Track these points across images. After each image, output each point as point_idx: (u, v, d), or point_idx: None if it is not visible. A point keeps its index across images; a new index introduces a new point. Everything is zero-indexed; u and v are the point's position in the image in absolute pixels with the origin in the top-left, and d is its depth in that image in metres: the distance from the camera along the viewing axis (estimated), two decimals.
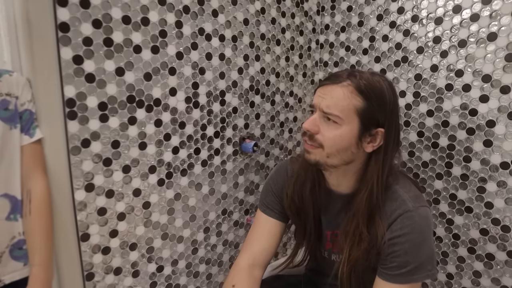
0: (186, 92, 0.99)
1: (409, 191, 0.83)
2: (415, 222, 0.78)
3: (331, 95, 0.78)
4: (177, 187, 1.01)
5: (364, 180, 0.83)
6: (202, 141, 1.05)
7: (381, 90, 0.79)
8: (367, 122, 0.79)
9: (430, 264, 0.79)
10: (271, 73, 1.21)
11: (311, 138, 0.80)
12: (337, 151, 0.79)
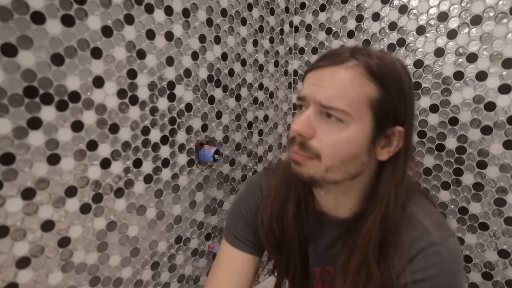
0: (118, 83, 0.71)
1: (430, 215, 0.60)
2: (443, 260, 0.55)
3: (333, 81, 0.54)
4: (111, 213, 0.73)
5: (376, 198, 0.59)
6: (144, 149, 0.78)
7: (397, 73, 0.56)
8: (383, 119, 0.56)
9: None
10: (235, 61, 0.96)
11: (303, 146, 0.55)
12: (341, 162, 0.55)
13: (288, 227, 0.68)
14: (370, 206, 0.60)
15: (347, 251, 0.61)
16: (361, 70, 0.54)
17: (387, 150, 0.58)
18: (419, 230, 0.58)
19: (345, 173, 0.57)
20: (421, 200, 0.63)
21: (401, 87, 0.55)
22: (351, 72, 0.54)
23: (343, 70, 0.54)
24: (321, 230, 0.68)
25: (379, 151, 0.57)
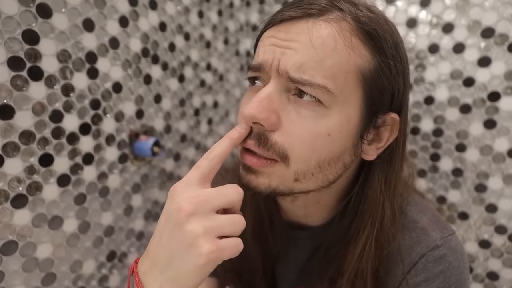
0: (10, 49, 0.51)
1: (424, 210, 0.49)
2: (449, 265, 0.44)
3: (309, 41, 0.38)
4: (7, 230, 0.53)
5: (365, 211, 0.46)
6: (55, 141, 0.58)
7: (392, 33, 0.43)
8: (376, 101, 0.42)
9: None
10: (176, 33, 0.79)
11: (262, 141, 0.39)
12: (318, 166, 0.40)
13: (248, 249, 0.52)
14: (357, 220, 0.46)
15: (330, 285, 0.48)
16: (349, 26, 0.40)
17: (376, 146, 0.44)
18: (415, 232, 0.46)
19: (321, 181, 0.42)
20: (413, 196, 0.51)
21: (400, 57, 0.42)
22: (335, 27, 0.39)
23: (324, 24, 0.39)
24: (291, 245, 0.54)
25: (366, 148, 0.44)
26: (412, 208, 0.48)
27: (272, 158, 0.40)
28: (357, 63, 0.39)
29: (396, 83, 0.41)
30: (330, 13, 0.39)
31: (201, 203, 0.34)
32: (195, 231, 0.33)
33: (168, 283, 0.34)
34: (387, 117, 0.42)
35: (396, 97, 0.42)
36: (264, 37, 0.42)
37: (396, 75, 0.41)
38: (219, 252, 0.33)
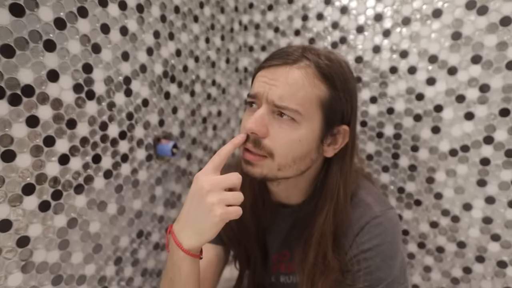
0: (74, 77, 0.70)
1: (371, 192, 0.68)
2: (385, 230, 0.63)
3: (286, 81, 0.58)
4: (71, 210, 0.72)
5: (326, 193, 0.65)
6: (102, 144, 0.77)
7: (344, 74, 0.62)
8: (331, 118, 0.61)
9: (403, 277, 0.66)
10: (189, 57, 0.98)
11: (256, 144, 0.59)
12: (293, 161, 0.60)
13: (246, 221, 0.72)
14: (322, 199, 0.65)
15: (305, 244, 0.67)
16: (312, 71, 0.59)
17: (333, 148, 0.64)
18: (363, 207, 0.65)
19: (296, 170, 0.62)
20: (362, 180, 0.70)
21: (348, 89, 0.62)
22: (303, 72, 0.58)
23: (296, 70, 0.59)
24: (278, 219, 0.73)
25: (326, 148, 0.63)
26: (362, 191, 0.67)
27: (263, 155, 0.59)
28: (318, 95, 0.58)
29: (345, 107, 0.61)
30: (300, 62, 0.58)
31: (215, 184, 0.53)
32: (212, 201, 0.52)
33: (195, 235, 0.54)
34: (340, 128, 0.62)
35: (345, 116, 0.61)
36: (258, 75, 0.61)
37: (345, 102, 0.60)
38: (227, 214, 0.52)
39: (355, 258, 0.63)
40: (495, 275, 0.88)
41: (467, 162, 0.87)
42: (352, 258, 0.63)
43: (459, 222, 0.90)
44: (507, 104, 0.80)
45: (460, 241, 0.91)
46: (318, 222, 0.63)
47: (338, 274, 0.63)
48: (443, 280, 0.95)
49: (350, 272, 0.63)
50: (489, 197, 0.85)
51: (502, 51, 0.79)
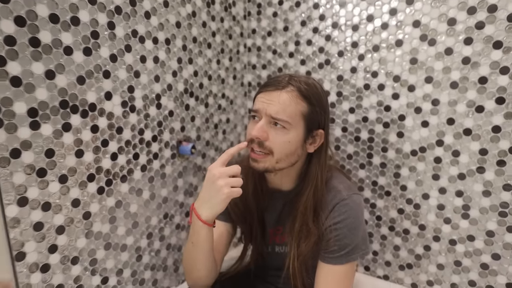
0: (121, 96, 0.95)
1: (342, 182, 0.92)
2: (350, 208, 0.87)
3: (278, 101, 0.82)
4: (118, 194, 0.97)
5: (308, 178, 0.89)
6: (140, 145, 1.02)
7: (319, 94, 0.86)
8: (310, 125, 0.85)
9: (364, 244, 0.89)
10: (204, 76, 1.22)
11: (260, 145, 0.83)
12: (286, 156, 0.84)
13: (249, 203, 0.96)
14: (305, 183, 0.89)
15: (292, 216, 0.91)
16: (296, 93, 0.83)
17: (313, 145, 0.88)
18: (334, 192, 0.89)
19: (288, 163, 0.86)
20: (336, 173, 0.94)
21: (322, 104, 0.86)
22: (290, 95, 0.83)
23: (284, 93, 0.83)
24: (273, 201, 0.97)
25: (308, 146, 0.87)
26: (335, 180, 0.90)
27: (266, 152, 0.83)
28: (300, 110, 0.82)
29: (320, 117, 0.84)
30: (287, 87, 0.82)
31: (222, 173, 0.77)
32: (221, 184, 0.76)
33: (209, 209, 0.78)
34: (317, 131, 0.85)
35: (320, 123, 0.85)
36: (258, 97, 0.85)
37: (320, 114, 0.84)
38: (231, 193, 0.76)
39: (329, 228, 0.86)
40: (447, 251, 1.10)
41: (424, 161, 1.10)
42: (327, 228, 0.86)
43: (420, 209, 1.13)
44: (453, 115, 1.03)
45: (421, 224, 1.13)
46: (301, 200, 0.87)
47: (316, 238, 0.86)
48: (409, 256, 1.17)
49: (325, 239, 0.87)
50: (442, 188, 1.08)
51: (447, 74, 1.02)
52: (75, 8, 0.83)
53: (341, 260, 0.86)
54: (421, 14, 1.04)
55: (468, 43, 0.98)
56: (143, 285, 1.08)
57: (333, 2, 1.18)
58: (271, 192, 0.97)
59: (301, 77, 0.86)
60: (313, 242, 0.87)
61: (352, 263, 0.87)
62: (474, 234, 1.05)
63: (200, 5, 1.17)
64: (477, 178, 1.02)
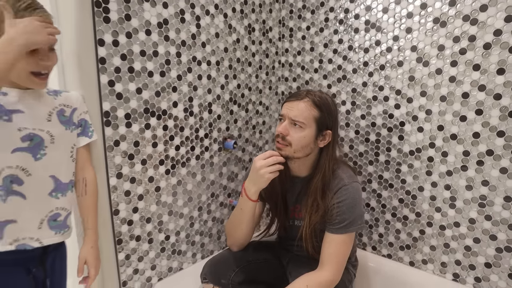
0: (184, 104, 1.32)
1: (346, 172, 1.21)
2: (349, 192, 1.15)
3: (297, 108, 1.14)
4: (179, 175, 1.34)
5: (318, 167, 1.19)
6: (196, 140, 1.38)
7: (328, 104, 1.16)
8: (320, 126, 1.16)
9: (360, 220, 1.17)
10: (245, 88, 1.56)
11: (283, 139, 1.15)
12: (301, 147, 1.16)
13: (275, 186, 1.28)
14: (316, 170, 1.20)
15: (306, 195, 1.21)
16: (310, 103, 1.14)
17: (323, 142, 1.18)
18: (338, 179, 1.18)
19: (303, 153, 1.17)
20: (343, 166, 1.23)
21: (330, 112, 1.16)
22: (306, 104, 1.14)
23: (302, 102, 1.14)
24: (293, 185, 1.28)
25: (319, 142, 1.17)
26: (340, 170, 1.19)
27: (286, 144, 1.15)
28: (313, 115, 1.13)
29: (328, 121, 1.14)
30: (305, 98, 1.13)
31: (263, 164, 1.10)
32: (262, 172, 1.09)
33: (253, 188, 1.12)
34: (326, 131, 1.15)
35: (328, 126, 1.15)
36: (284, 105, 1.17)
37: (328, 119, 1.14)
38: (269, 177, 1.08)
39: (332, 206, 1.15)
40: (438, 235, 1.34)
41: (419, 159, 1.34)
42: (331, 206, 1.16)
43: (416, 199, 1.37)
44: (442, 122, 1.27)
45: (417, 212, 1.38)
46: (313, 182, 1.17)
47: (323, 212, 1.16)
48: (408, 239, 1.42)
49: (329, 214, 1.16)
50: (433, 182, 1.32)
51: (438, 89, 1.26)
52: (156, 44, 1.21)
53: (341, 231, 1.14)
54: (417, 41, 1.29)
55: (453, 65, 1.22)
56: (194, 246, 1.44)
57: (349, 29, 1.46)
58: (292, 178, 1.28)
59: (316, 92, 1.17)
60: (320, 215, 1.17)
61: (349, 234, 1.16)
62: (459, 221, 1.28)
63: (243, 33, 1.51)
64: (461, 174, 1.25)
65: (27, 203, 0.87)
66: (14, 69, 0.75)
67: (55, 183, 0.93)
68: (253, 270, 1.29)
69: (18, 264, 0.88)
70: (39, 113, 0.90)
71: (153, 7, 1.18)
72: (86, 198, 1.02)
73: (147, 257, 1.28)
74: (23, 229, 0.87)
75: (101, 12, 1.06)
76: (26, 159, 0.86)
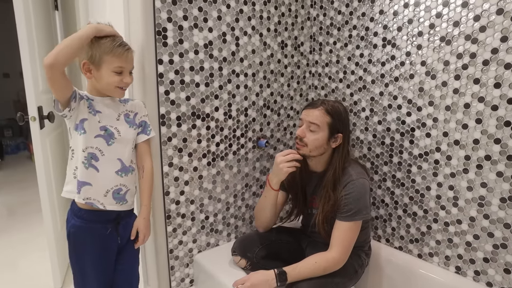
0: (224, 109, 1.61)
1: (355, 169, 1.42)
2: (356, 186, 1.36)
3: (313, 115, 1.38)
4: (218, 167, 1.64)
5: (331, 164, 1.43)
6: (233, 139, 1.67)
7: (339, 112, 1.39)
8: (332, 130, 1.39)
9: (365, 211, 1.37)
10: (277, 95, 1.82)
11: (301, 140, 1.40)
12: (315, 147, 1.40)
13: (296, 179, 1.52)
14: (329, 167, 1.43)
15: (321, 187, 1.45)
16: (324, 111, 1.37)
17: (335, 143, 1.40)
18: (348, 175, 1.40)
19: (318, 153, 1.41)
20: (354, 164, 1.44)
21: (341, 118, 1.38)
22: (320, 111, 1.37)
23: (317, 110, 1.38)
24: (310, 179, 1.52)
25: (332, 144, 1.40)
26: (350, 168, 1.40)
27: (303, 145, 1.40)
28: (326, 120, 1.36)
29: (339, 126, 1.36)
30: (319, 106, 1.37)
31: (283, 159, 1.37)
32: (282, 166, 1.36)
33: (275, 179, 1.39)
34: (338, 135, 1.38)
35: (339, 129, 1.37)
36: (303, 112, 1.42)
37: (339, 124, 1.37)
38: (288, 171, 1.35)
39: (342, 198, 1.37)
40: (443, 231, 1.50)
41: (427, 162, 1.51)
42: (341, 197, 1.38)
43: (424, 197, 1.54)
44: (447, 129, 1.43)
45: (425, 209, 1.54)
46: (326, 177, 1.40)
47: (333, 202, 1.38)
48: (416, 233, 1.59)
49: (339, 205, 1.38)
50: (439, 182, 1.48)
51: (443, 100, 1.42)
52: (202, 61, 1.51)
53: (348, 219, 1.36)
54: (426, 56, 1.46)
55: (457, 79, 1.38)
56: (229, 227, 1.74)
57: (369, 45, 1.66)
58: (310, 173, 1.52)
59: (330, 101, 1.40)
60: (331, 205, 1.39)
61: (355, 222, 1.36)
62: (461, 218, 1.43)
63: (276, 49, 1.77)
64: (463, 176, 1.40)
65: (99, 175, 1.19)
66: (103, 82, 1.15)
67: (121, 164, 1.24)
68: (275, 249, 1.55)
69: (98, 222, 1.23)
70: (111, 114, 1.23)
71: (200, 32, 1.49)
72: (143, 181, 1.34)
73: (190, 232, 1.60)
74: (94, 193, 1.19)
75: (161, 39, 1.39)
76: (102, 143, 1.20)
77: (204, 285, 1.60)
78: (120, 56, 1.15)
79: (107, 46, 1.12)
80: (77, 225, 1.21)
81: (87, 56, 1.13)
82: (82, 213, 1.21)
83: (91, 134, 1.18)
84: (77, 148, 1.19)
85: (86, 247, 1.22)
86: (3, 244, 2.49)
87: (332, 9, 1.82)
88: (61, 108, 1.13)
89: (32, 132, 1.70)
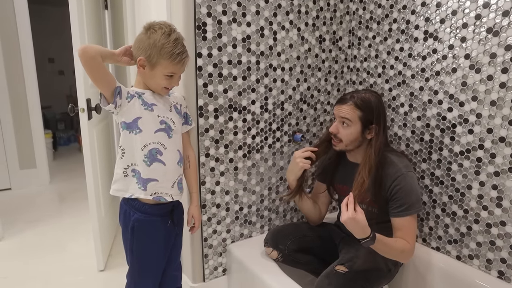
0: (260, 102, 1.64)
1: (402, 162, 1.39)
2: (406, 180, 1.35)
3: (343, 110, 1.38)
4: (253, 159, 1.67)
5: (367, 153, 1.41)
6: (269, 132, 1.70)
7: (369, 102, 1.37)
8: (365, 123, 1.38)
9: (417, 204, 1.35)
10: (314, 90, 1.83)
11: (335, 136, 1.41)
12: (350, 142, 1.40)
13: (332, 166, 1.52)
14: (364, 158, 1.41)
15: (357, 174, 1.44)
16: (353, 106, 1.37)
17: (370, 135, 1.39)
18: (396, 168, 1.37)
19: (353, 146, 1.41)
20: (395, 153, 1.42)
21: (371, 109, 1.37)
22: (349, 106, 1.38)
23: (346, 106, 1.38)
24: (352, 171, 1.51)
25: (366, 135, 1.39)
26: (393, 156, 1.38)
27: (339, 141, 1.41)
28: (357, 114, 1.36)
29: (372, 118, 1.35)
30: (348, 101, 1.37)
31: (299, 156, 1.39)
32: (297, 161, 1.38)
33: (292, 175, 1.42)
34: (372, 126, 1.37)
35: (373, 121, 1.36)
36: (334, 108, 1.42)
37: (371, 116, 1.35)
38: (303, 167, 1.37)
39: (393, 192, 1.35)
40: (485, 232, 1.43)
41: (469, 159, 1.45)
42: (391, 192, 1.36)
43: (464, 197, 1.48)
44: (491, 126, 1.37)
45: (465, 209, 1.49)
46: (360, 165, 1.39)
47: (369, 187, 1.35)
48: (456, 234, 1.53)
49: (390, 200, 1.36)
50: (481, 181, 1.42)
51: (488, 94, 1.36)
52: (240, 55, 1.55)
53: (402, 214, 1.34)
54: (471, 49, 1.40)
55: (504, 72, 1.31)
56: (262, 219, 1.77)
57: (409, 39, 1.62)
58: (351, 164, 1.52)
59: (360, 93, 1.39)
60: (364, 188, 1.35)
61: (411, 216, 1.33)
62: (505, 220, 1.37)
63: (314, 43, 1.77)
64: (509, 176, 1.34)
65: (166, 168, 1.24)
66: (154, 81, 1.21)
67: (180, 155, 1.30)
68: (306, 242, 1.56)
69: (160, 215, 1.27)
70: (164, 106, 1.27)
71: (239, 26, 1.53)
72: (190, 170, 1.40)
73: (224, 222, 1.65)
74: (161, 187, 1.24)
75: (200, 33, 1.44)
76: (163, 137, 1.24)
77: (237, 275, 1.64)
78: (176, 64, 1.18)
79: (167, 51, 1.14)
80: (141, 219, 1.24)
81: (146, 54, 1.15)
82: (146, 208, 1.24)
83: (150, 130, 1.22)
84: (131, 148, 1.21)
85: (151, 240, 1.26)
86: (55, 227, 2.69)
87: (372, 3, 1.79)
88: (106, 103, 1.16)
89: (81, 123, 1.83)
